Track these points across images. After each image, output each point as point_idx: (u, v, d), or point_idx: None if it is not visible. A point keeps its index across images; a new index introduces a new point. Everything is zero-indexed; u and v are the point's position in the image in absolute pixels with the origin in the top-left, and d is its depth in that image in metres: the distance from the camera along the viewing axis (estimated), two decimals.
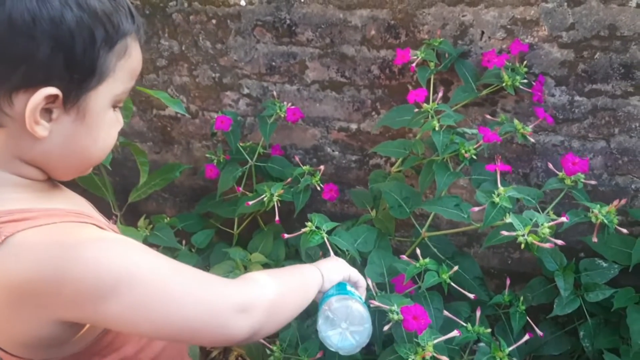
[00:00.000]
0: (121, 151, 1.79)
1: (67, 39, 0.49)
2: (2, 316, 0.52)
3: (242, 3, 1.42)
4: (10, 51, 0.48)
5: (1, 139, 0.53)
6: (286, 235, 1.03)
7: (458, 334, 0.86)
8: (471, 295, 0.98)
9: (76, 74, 0.51)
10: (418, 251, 1.03)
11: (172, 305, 0.53)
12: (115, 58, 0.53)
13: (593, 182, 1.13)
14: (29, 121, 0.50)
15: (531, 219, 0.87)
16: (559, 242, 0.85)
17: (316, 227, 1.02)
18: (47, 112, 0.52)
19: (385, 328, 0.89)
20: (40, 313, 0.51)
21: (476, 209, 0.94)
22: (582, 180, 1.03)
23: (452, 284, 1.00)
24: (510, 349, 0.92)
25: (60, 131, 0.54)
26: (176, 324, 0.53)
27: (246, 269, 1.32)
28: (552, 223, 0.86)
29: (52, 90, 0.50)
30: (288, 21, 1.41)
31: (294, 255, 1.44)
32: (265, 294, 0.61)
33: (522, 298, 1.16)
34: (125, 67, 0.55)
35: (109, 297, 0.50)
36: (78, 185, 1.49)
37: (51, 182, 0.61)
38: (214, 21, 1.48)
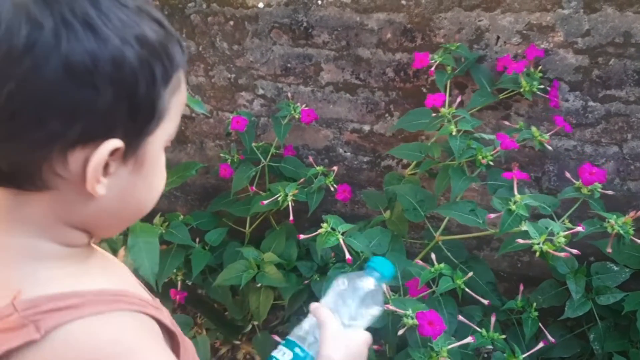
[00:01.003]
0: None
1: (131, 82, 0.42)
2: None
3: (260, 5, 1.43)
4: (67, 103, 0.40)
5: (45, 202, 0.45)
6: (302, 236, 1.04)
7: (473, 341, 0.87)
8: (485, 301, 1.00)
9: (139, 121, 0.44)
10: (433, 256, 1.04)
11: None
12: (169, 95, 0.46)
13: (610, 192, 1.14)
14: (90, 181, 0.43)
15: (547, 228, 0.88)
16: (575, 251, 0.86)
17: (332, 229, 1.03)
18: (105, 166, 0.44)
19: (400, 332, 0.90)
20: None
21: (492, 215, 0.96)
22: (599, 190, 1.04)
23: (466, 289, 1.01)
24: (524, 356, 0.94)
25: (117, 185, 0.46)
26: None
27: (259, 268, 1.34)
28: (567, 232, 0.87)
29: (116, 143, 0.43)
30: (305, 24, 1.42)
31: (305, 255, 1.46)
32: None
33: (534, 304, 1.17)
34: (178, 102, 0.48)
35: None
36: None
37: (92, 248, 0.54)
38: (231, 22, 1.50)
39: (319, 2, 1.38)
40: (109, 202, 0.47)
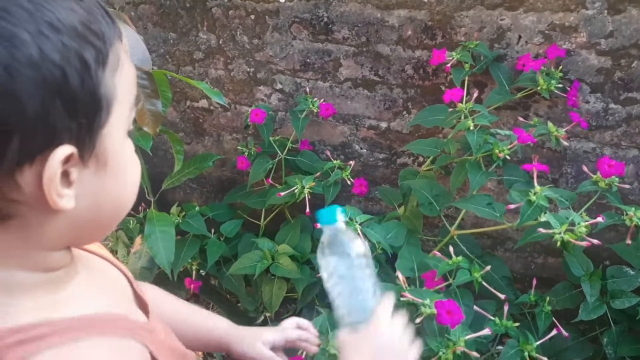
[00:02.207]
0: (153, 140, 1.83)
1: (57, 78, 0.36)
2: None
3: (282, 0, 1.45)
4: None
5: (12, 233, 0.40)
6: (319, 225, 1.04)
7: (489, 332, 0.87)
8: (501, 296, 1.00)
9: (83, 117, 0.38)
10: (451, 249, 1.04)
11: None
12: (111, 75, 0.41)
13: (627, 186, 1.13)
14: (51, 197, 0.38)
15: (567, 218, 0.88)
16: (595, 241, 0.85)
17: (349, 219, 1.03)
18: (63, 175, 0.39)
19: (417, 321, 0.91)
20: None
21: (512, 206, 0.96)
22: (617, 183, 1.04)
23: (483, 282, 1.01)
24: (538, 342, 0.93)
25: (85, 191, 0.41)
26: None
27: (274, 259, 1.35)
28: (588, 222, 0.87)
29: (66, 149, 0.38)
30: (325, 19, 1.43)
31: None
32: None
33: (547, 299, 1.17)
34: (122, 79, 0.42)
35: None
36: None
37: (74, 264, 0.48)
38: (252, 16, 1.51)
39: None
40: (82, 212, 0.42)
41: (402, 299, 0.91)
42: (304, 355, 0.96)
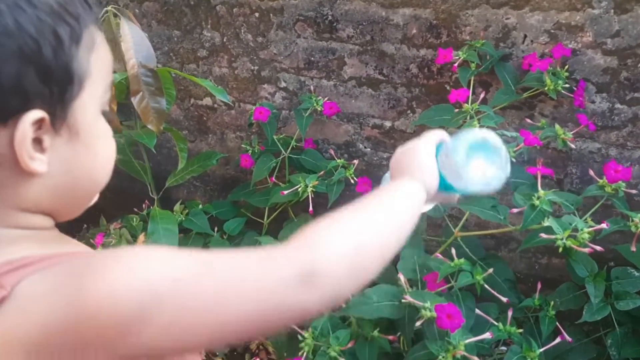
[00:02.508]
0: (157, 138, 1.83)
1: (33, 49, 0.40)
2: None
3: None
4: None
5: None
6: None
7: (490, 336, 0.87)
8: (504, 299, 0.99)
9: (54, 86, 0.42)
10: (453, 251, 1.04)
11: (216, 307, 0.43)
12: (86, 54, 0.45)
13: (634, 192, 1.12)
14: (22, 158, 0.42)
15: (570, 224, 0.87)
16: (598, 247, 0.85)
17: None
18: (37, 142, 0.43)
19: (417, 324, 0.90)
20: None
21: (515, 210, 0.95)
22: (623, 188, 1.03)
23: (485, 285, 1.01)
24: (541, 350, 0.93)
25: (58, 159, 0.45)
26: (229, 324, 0.44)
27: None
28: (591, 229, 0.87)
29: (37, 114, 0.41)
30: (330, 17, 1.43)
31: None
32: (330, 243, 0.48)
33: (552, 303, 1.16)
34: (98, 61, 0.47)
35: (140, 324, 0.40)
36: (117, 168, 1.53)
37: (59, 233, 0.51)
38: (256, 14, 1.51)
39: None
40: (56, 178, 0.46)
41: (403, 301, 0.90)
42: (305, 356, 0.96)
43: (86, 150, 0.47)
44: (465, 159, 0.60)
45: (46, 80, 0.42)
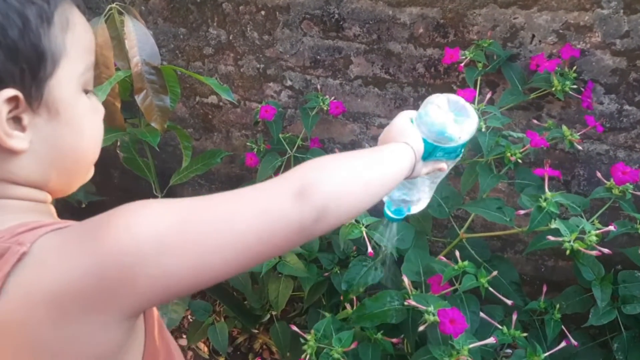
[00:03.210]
0: (162, 135, 1.83)
1: None
2: (49, 339, 0.42)
3: None
4: None
5: None
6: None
7: (494, 341, 0.85)
8: (509, 302, 0.98)
9: (24, 64, 0.44)
10: (457, 253, 1.03)
11: (223, 229, 0.45)
12: (60, 33, 0.46)
13: None
14: (1, 137, 0.44)
15: (578, 226, 0.86)
16: (606, 250, 0.84)
17: (356, 221, 1.02)
18: (16, 120, 0.45)
19: (421, 328, 0.90)
20: (90, 318, 0.42)
21: (522, 212, 0.94)
22: (631, 190, 1.02)
23: (489, 288, 1.00)
24: (546, 354, 0.92)
25: (41, 137, 0.47)
26: (240, 242, 0.46)
27: (281, 258, 1.34)
28: (599, 231, 0.85)
29: (8, 92, 0.43)
30: (336, 16, 1.42)
31: (327, 247, 1.46)
32: (324, 172, 0.52)
33: (557, 306, 1.15)
34: (75, 40, 0.48)
35: (157, 254, 0.42)
36: (122, 166, 1.53)
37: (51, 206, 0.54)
38: (262, 12, 1.50)
39: None
40: (41, 154, 0.48)
41: (406, 304, 0.90)
42: (307, 358, 0.96)
43: (69, 128, 0.49)
44: (441, 116, 0.67)
45: (14, 60, 0.43)
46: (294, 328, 1.09)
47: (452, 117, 0.68)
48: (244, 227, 0.46)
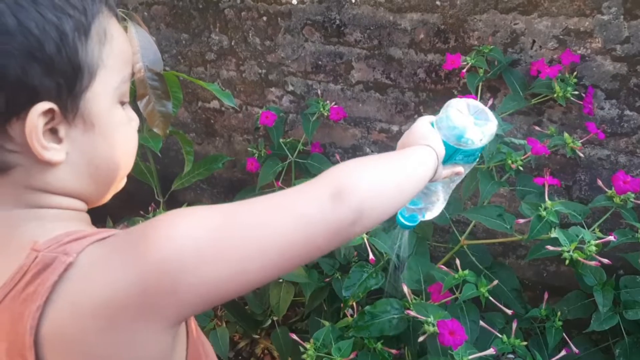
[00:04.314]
0: (164, 140, 1.83)
1: (35, 44, 0.41)
2: (98, 348, 0.43)
3: (294, 2, 1.44)
4: None
5: (21, 179, 0.46)
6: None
7: (494, 352, 0.85)
8: (509, 311, 0.98)
9: (61, 78, 0.43)
10: (457, 261, 1.03)
11: (263, 233, 0.46)
12: (97, 46, 0.46)
13: None
14: (36, 149, 0.44)
15: (577, 236, 0.86)
16: (605, 260, 0.83)
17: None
18: (52, 132, 0.45)
19: (421, 339, 0.90)
20: (137, 327, 0.43)
21: (521, 221, 0.94)
22: (632, 200, 1.01)
23: (490, 297, 0.99)
24: None
25: (76, 148, 0.47)
26: (280, 246, 0.46)
27: None
28: (599, 241, 0.85)
29: (44, 105, 0.43)
30: (337, 21, 1.42)
31: (329, 253, 1.46)
32: (357, 173, 0.54)
33: (559, 313, 1.14)
34: (112, 52, 0.48)
35: (198, 261, 0.43)
36: None
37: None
38: (264, 18, 1.51)
39: (353, 1, 1.38)
40: (78, 165, 0.48)
41: (405, 314, 0.90)
42: None
43: (104, 140, 0.49)
44: (462, 119, 0.69)
45: (51, 73, 0.43)
46: (294, 337, 1.09)
47: (472, 120, 0.70)
48: (283, 231, 0.47)
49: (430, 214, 0.78)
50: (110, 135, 0.49)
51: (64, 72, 0.43)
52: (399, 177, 0.59)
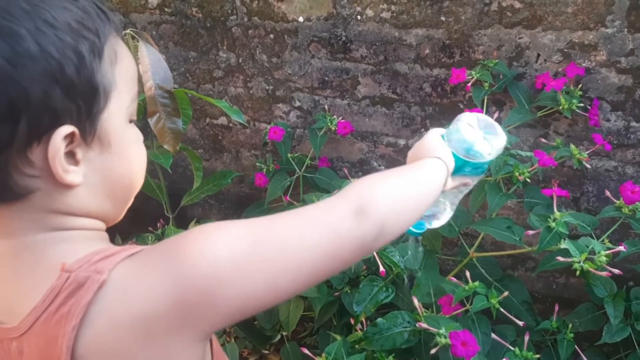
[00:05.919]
0: (174, 157, 1.85)
1: (55, 68, 0.42)
2: None
3: (300, 19, 1.46)
4: (1, 108, 0.41)
5: (42, 203, 0.46)
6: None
7: None
8: (520, 323, 0.98)
9: (81, 101, 0.44)
10: (468, 273, 1.03)
11: (293, 248, 0.47)
12: (109, 67, 0.47)
13: None
14: (57, 173, 0.44)
15: (587, 246, 0.86)
16: (616, 271, 0.84)
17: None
18: (70, 155, 0.46)
19: (433, 351, 0.90)
20: (175, 339, 0.44)
21: (531, 232, 0.94)
22: None
23: (501, 309, 0.99)
24: None
25: (93, 168, 0.48)
26: (311, 260, 0.48)
27: None
28: (609, 252, 0.85)
29: (66, 129, 0.43)
30: (344, 38, 1.44)
31: None
32: (377, 189, 0.56)
33: (570, 325, 1.14)
34: (122, 72, 0.49)
35: (233, 275, 0.44)
36: None
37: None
38: (271, 36, 1.53)
39: (359, 17, 1.40)
40: (95, 185, 0.49)
41: (417, 326, 0.90)
42: None
43: (119, 159, 0.50)
44: (471, 133, 0.71)
45: (72, 96, 0.43)
46: (305, 351, 1.10)
47: (482, 134, 0.72)
48: (317, 245, 0.49)
49: (438, 222, 0.79)
50: (125, 154, 0.50)
51: (84, 93, 0.44)
52: (416, 191, 0.61)
